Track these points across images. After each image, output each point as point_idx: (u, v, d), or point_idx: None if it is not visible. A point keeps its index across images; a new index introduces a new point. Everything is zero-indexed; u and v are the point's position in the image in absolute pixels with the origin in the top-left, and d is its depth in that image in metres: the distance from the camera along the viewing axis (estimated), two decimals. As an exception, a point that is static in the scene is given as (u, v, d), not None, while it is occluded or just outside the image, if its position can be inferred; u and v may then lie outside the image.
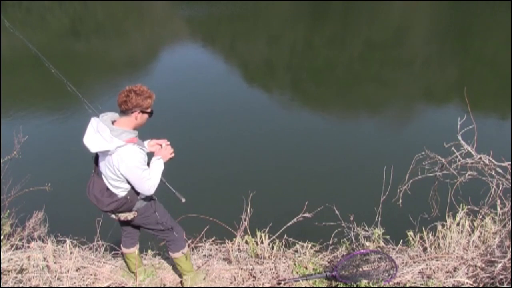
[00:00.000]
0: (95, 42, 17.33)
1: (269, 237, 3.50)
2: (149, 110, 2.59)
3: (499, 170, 3.29)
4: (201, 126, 8.26)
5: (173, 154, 2.84)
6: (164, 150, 2.82)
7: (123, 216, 2.82)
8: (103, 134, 2.50)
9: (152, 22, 21.82)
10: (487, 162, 3.28)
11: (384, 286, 3.07)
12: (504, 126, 8.42)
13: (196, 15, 21.27)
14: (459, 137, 3.36)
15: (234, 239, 3.57)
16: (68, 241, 3.38)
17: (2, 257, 3.13)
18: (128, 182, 2.67)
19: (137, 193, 2.74)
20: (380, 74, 12.31)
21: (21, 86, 11.27)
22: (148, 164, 2.74)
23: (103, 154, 2.62)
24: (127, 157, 2.54)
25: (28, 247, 3.40)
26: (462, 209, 3.43)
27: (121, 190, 2.71)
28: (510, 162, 3.26)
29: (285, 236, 3.56)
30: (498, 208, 3.40)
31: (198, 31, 19.02)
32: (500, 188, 3.31)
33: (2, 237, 3.57)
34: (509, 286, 2.78)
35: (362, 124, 8.86)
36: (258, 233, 3.48)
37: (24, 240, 3.54)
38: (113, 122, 2.59)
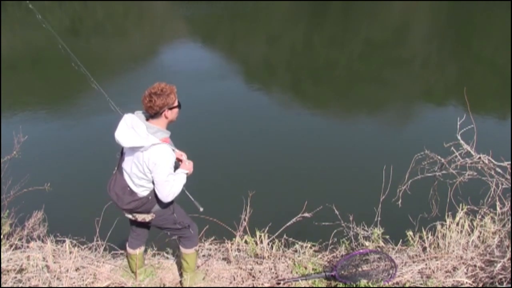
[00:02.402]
0: (95, 42, 17.32)
1: (269, 237, 3.50)
2: (176, 104, 2.60)
3: (498, 170, 3.30)
4: (199, 126, 8.25)
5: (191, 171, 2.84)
6: (189, 165, 2.83)
7: (140, 217, 2.79)
8: (138, 130, 2.49)
9: (152, 22, 21.82)
10: (486, 162, 3.29)
11: (384, 286, 3.07)
12: (504, 126, 8.41)
13: (196, 15, 21.28)
14: (459, 137, 3.36)
15: (234, 239, 3.57)
16: (67, 241, 3.38)
17: (1, 257, 3.13)
18: (152, 182, 2.65)
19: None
20: (379, 74, 12.30)
21: (21, 86, 11.27)
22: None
23: (132, 151, 2.60)
24: (159, 156, 2.53)
25: (28, 247, 3.40)
26: (462, 209, 3.44)
27: (143, 189, 2.69)
28: (509, 162, 3.26)
29: (285, 236, 3.56)
30: (498, 208, 3.40)
31: (198, 31, 19.01)
32: (500, 188, 3.32)
33: (1, 236, 3.57)
34: (509, 286, 2.78)
35: (361, 124, 8.85)
36: (257, 233, 3.48)
37: (24, 240, 3.53)
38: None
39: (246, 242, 3.53)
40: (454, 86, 10.95)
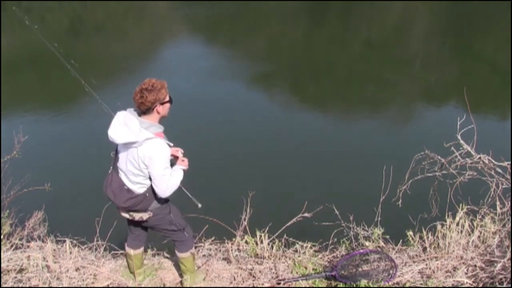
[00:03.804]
0: (94, 42, 17.31)
1: (269, 237, 3.50)
2: (167, 99, 2.61)
3: (498, 170, 3.29)
4: (199, 125, 8.25)
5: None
6: (185, 162, 2.85)
7: (137, 216, 2.78)
8: (131, 126, 2.50)
9: (151, 22, 21.81)
10: (486, 162, 3.29)
11: (384, 286, 3.07)
12: (504, 126, 8.41)
13: (196, 15, 21.28)
14: (459, 137, 3.36)
15: (234, 239, 3.57)
16: (67, 241, 3.38)
17: (2, 256, 3.13)
18: (149, 179, 2.64)
19: (155, 192, 2.71)
20: (379, 74, 12.30)
21: (21, 86, 11.26)
22: None
23: (126, 148, 2.60)
24: (154, 150, 2.53)
25: (28, 246, 3.40)
26: (462, 209, 3.44)
27: (139, 187, 2.68)
28: (509, 162, 3.26)
29: (285, 236, 3.56)
30: (498, 208, 3.40)
31: (198, 31, 19.01)
32: (500, 188, 3.32)
33: (1, 236, 3.57)
34: (509, 286, 2.78)
35: (361, 124, 8.85)
36: (257, 233, 3.48)
37: (24, 240, 3.53)
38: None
39: (246, 242, 3.53)
40: (454, 86, 10.93)
